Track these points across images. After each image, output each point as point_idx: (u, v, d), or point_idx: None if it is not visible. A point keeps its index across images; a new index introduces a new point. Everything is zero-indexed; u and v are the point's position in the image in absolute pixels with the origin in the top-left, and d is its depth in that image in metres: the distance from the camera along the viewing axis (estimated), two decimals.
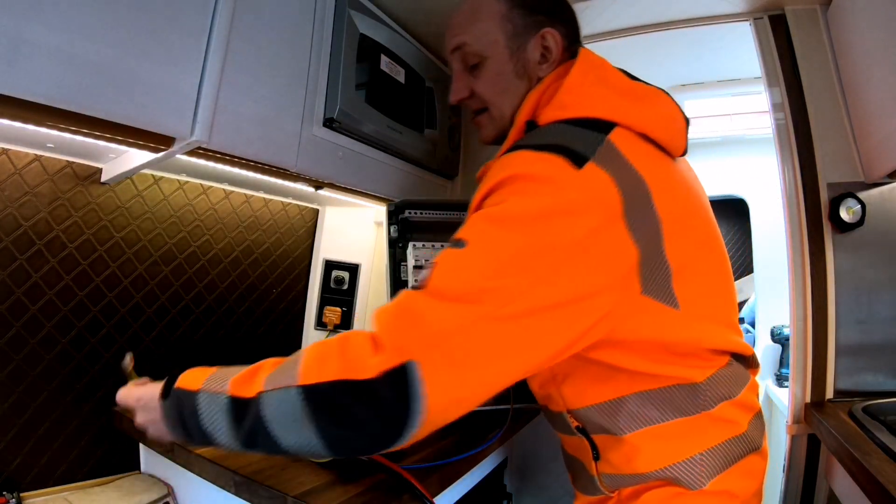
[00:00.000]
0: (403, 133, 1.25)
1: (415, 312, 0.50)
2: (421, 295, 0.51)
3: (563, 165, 0.55)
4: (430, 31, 1.39)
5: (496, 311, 0.50)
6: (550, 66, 0.72)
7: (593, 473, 0.70)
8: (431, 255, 1.05)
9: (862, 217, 1.12)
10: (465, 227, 0.56)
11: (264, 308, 1.40)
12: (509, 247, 0.52)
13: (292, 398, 0.50)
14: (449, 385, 0.48)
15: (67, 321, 0.97)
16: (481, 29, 0.73)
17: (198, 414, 0.55)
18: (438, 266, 0.53)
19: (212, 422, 0.54)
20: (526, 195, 0.55)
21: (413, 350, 0.47)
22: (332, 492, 0.72)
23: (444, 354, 0.48)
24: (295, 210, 1.48)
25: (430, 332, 0.48)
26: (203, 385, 0.57)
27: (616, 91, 0.67)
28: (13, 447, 0.89)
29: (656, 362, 0.63)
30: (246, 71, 0.85)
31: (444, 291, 0.51)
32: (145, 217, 1.11)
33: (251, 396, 0.52)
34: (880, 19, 1.00)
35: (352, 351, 0.49)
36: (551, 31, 0.72)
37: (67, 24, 0.61)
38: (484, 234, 0.54)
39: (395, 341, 0.48)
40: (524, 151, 0.58)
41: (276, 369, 0.54)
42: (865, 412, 0.98)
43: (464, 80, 0.76)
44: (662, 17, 1.31)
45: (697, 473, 0.62)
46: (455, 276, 0.52)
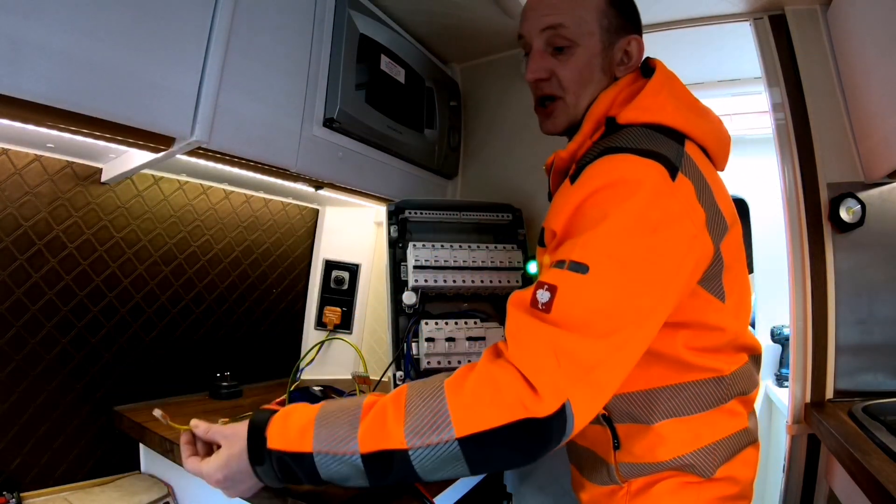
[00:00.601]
0: (403, 133, 1.25)
1: (559, 353, 0.51)
2: (557, 331, 0.52)
3: (665, 174, 0.58)
4: (430, 31, 1.39)
5: (630, 337, 0.54)
6: (627, 70, 0.75)
7: (611, 463, 0.71)
8: (431, 255, 1.05)
9: (862, 217, 1.12)
10: (582, 246, 0.56)
11: (264, 308, 1.40)
12: (631, 266, 0.55)
13: (451, 450, 0.50)
14: (592, 408, 0.53)
15: (67, 321, 0.97)
16: (581, 16, 0.73)
17: (318, 472, 0.54)
18: (563, 293, 0.53)
19: (339, 475, 0.54)
20: (636, 204, 0.56)
21: (567, 390, 0.50)
22: (332, 492, 0.72)
23: (590, 386, 0.52)
24: (295, 210, 1.48)
25: (577, 371, 0.51)
26: (316, 445, 0.54)
27: (685, 104, 0.71)
28: (13, 447, 0.89)
29: (695, 352, 0.66)
30: (246, 71, 0.85)
31: (579, 325, 0.52)
32: (145, 217, 1.11)
33: (391, 449, 0.52)
34: (880, 19, 1.00)
35: (509, 395, 0.50)
36: (637, 39, 0.76)
37: (67, 24, 0.61)
38: (604, 255, 0.55)
39: (551, 386, 0.50)
40: (628, 155, 0.60)
41: (409, 417, 0.52)
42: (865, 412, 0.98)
43: (546, 60, 0.75)
44: (662, 17, 1.31)
45: (710, 461, 0.67)
46: (586, 307, 0.53)
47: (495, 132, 1.55)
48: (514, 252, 1.11)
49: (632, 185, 0.57)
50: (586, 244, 0.56)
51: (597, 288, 0.54)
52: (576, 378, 0.51)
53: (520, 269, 1.10)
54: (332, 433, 0.54)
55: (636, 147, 0.61)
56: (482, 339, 1.01)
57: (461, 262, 1.06)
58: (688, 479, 0.67)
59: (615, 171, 0.59)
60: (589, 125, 0.72)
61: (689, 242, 0.58)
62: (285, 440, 0.56)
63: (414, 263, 1.04)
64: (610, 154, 0.61)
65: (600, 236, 0.56)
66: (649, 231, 0.56)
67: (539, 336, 0.52)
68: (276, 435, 0.56)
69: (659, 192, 0.57)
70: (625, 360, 0.55)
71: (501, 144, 1.53)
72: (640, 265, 0.55)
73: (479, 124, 1.58)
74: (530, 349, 0.52)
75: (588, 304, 0.53)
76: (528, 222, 1.24)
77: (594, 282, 0.54)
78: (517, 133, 1.50)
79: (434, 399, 0.53)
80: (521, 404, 0.49)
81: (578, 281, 0.54)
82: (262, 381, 1.37)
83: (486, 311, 1.12)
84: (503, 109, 1.54)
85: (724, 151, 0.75)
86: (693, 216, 0.59)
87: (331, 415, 0.56)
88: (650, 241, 0.56)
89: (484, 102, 1.58)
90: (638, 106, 0.68)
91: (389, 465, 0.52)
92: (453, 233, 1.17)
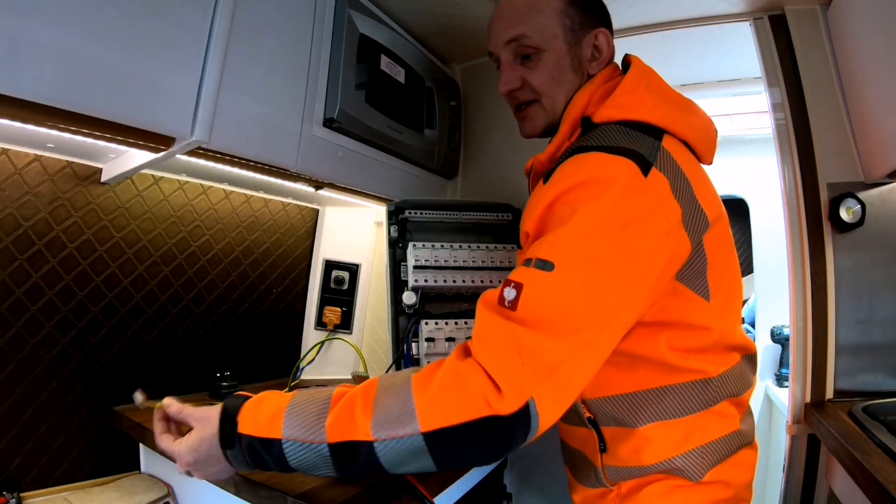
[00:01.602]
0: (403, 133, 1.25)
1: (522, 351, 0.51)
2: (521, 329, 0.52)
3: (636, 170, 0.58)
4: (430, 31, 1.39)
5: (596, 335, 0.54)
6: (600, 64, 0.75)
7: (598, 465, 0.70)
8: (431, 255, 1.05)
9: (862, 217, 1.12)
10: (549, 244, 0.56)
11: (264, 308, 1.40)
12: (597, 264, 0.54)
13: (415, 444, 0.51)
14: (557, 407, 0.53)
15: (67, 321, 0.97)
16: (541, 22, 0.74)
17: (286, 459, 0.55)
18: (529, 291, 0.53)
19: (307, 464, 0.55)
20: (605, 202, 0.56)
21: (530, 388, 0.50)
22: (332, 492, 0.72)
23: (553, 384, 0.52)
24: (295, 210, 1.48)
25: (540, 369, 0.51)
26: (285, 431, 0.55)
27: (664, 99, 0.70)
28: (13, 447, 0.89)
29: (679, 353, 0.65)
30: (246, 71, 0.85)
31: (543, 324, 0.52)
32: (145, 217, 1.11)
33: (357, 440, 0.52)
34: (880, 19, 1.00)
35: (472, 392, 0.50)
36: (604, 32, 0.75)
37: (67, 24, 0.61)
38: (570, 252, 0.54)
39: (514, 383, 0.50)
40: (598, 154, 0.60)
41: (377, 410, 0.53)
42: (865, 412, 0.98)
43: (515, 70, 0.77)
44: (662, 17, 1.31)
45: (698, 465, 0.65)
46: (551, 305, 0.53)
47: (495, 132, 1.55)
48: (514, 252, 1.11)
49: (601, 184, 0.57)
50: (553, 242, 0.56)
51: (561, 286, 0.53)
52: (539, 377, 0.51)
53: None
54: (302, 422, 0.55)
55: (607, 145, 0.61)
56: None
57: (461, 262, 1.06)
58: (677, 482, 0.66)
59: (585, 170, 0.59)
60: (566, 126, 0.72)
61: (662, 239, 0.58)
62: (256, 426, 0.56)
63: (414, 263, 1.04)
64: (580, 153, 0.61)
65: (566, 234, 0.56)
66: (617, 228, 0.55)
67: (503, 334, 0.52)
68: (247, 420, 0.57)
69: (629, 188, 0.57)
70: (590, 359, 0.54)
71: (501, 144, 1.53)
72: (606, 263, 0.55)
73: (479, 124, 1.58)
74: (495, 347, 0.52)
75: (552, 302, 0.53)
76: None
77: (559, 279, 0.53)
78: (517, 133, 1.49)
79: (401, 393, 0.53)
80: (486, 402, 0.49)
81: (543, 279, 0.54)
82: (262, 381, 1.37)
83: None
84: (503, 109, 1.52)
85: (710, 145, 0.74)
86: (667, 212, 0.58)
87: (301, 404, 0.57)
88: (618, 239, 0.55)
89: (484, 102, 1.58)
90: (613, 104, 0.68)
91: (355, 456, 0.53)
92: (453, 233, 1.17)
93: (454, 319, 1.03)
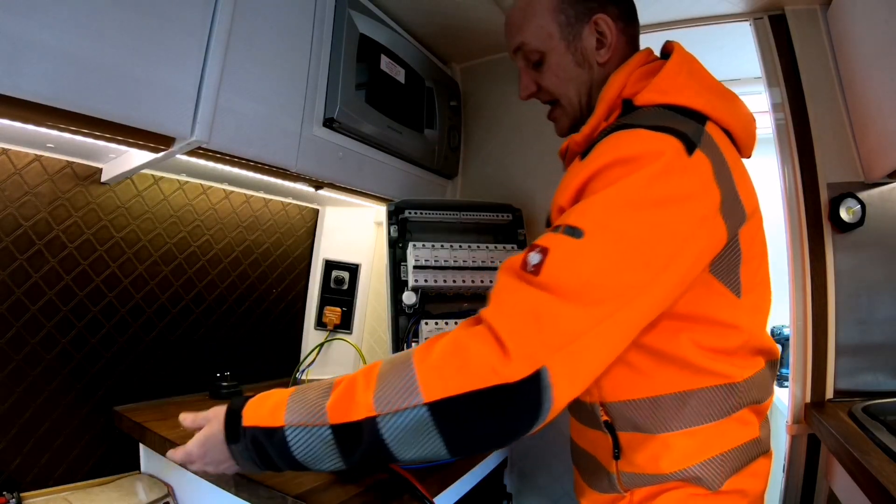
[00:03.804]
0: (403, 133, 1.25)
1: (540, 317, 0.48)
2: (542, 294, 0.49)
3: (679, 148, 0.55)
4: (430, 31, 1.39)
5: (617, 310, 0.50)
6: (608, 50, 0.73)
7: (612, 471, 0.68)
8: (431, 255, 1.05)
9: (862, 217, 1.12)
10: (580, 211, 0.53)
11: (264, 308, 1.40)
12: (628, 238, 0.52)
13: (419, 416, 0.48)
14: (574, 384, 0.50)
15: (67, 321, 0.97)
16: (536, 26, 0.74)
17: (289, 449, 0.53)
18: (554, 256, 0.51)
19: (311, 453, 0.53)
20: (644, 176, 0.53)
21: (543, 356, 0.47)
22: (332, 492, 0.72)
23: (570, 357, 0.48)
24: (295, 210, 1.48)
25: (557, 338, 0.48)
26: (287, 418, 0.54)
27: (706, 86, 0.68)
28: (13, 447, 0.89)
29: (705, 353, 0.62)
30: (246, 71, 0.85)
31: (566, 291, 0.49)
32: (145, 217, 1.11)
33: (360, 419, 0.50)
34: (880, 19, 1.00)
35: (477, 359, 0.48)
36: (602, 17, 0.73)
37: (67, 24, 0.61)
38: (602, 223, 0.52)
39: (526, 349, 0.47)
40: (640, 130, 0.57)
41: (379, 385, 0.51)
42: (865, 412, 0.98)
43: (529, 76, 0.78)
44: (662, 17, 1.31)
45: (718, 474, 0.63)
46: (576, 272, 0.50)
47: (495, 132, 1.55)
48: (514, 252, 1.11)
49: (642, 159, 0.54)
50: (584, 210, 0.54)
51: (589, 253, 0.51)
52: (555, 345, 0.47)
53: None
54: (303, 407, 0.54)
55: (647, 123, 0.59)
56: None
57: (461, 262, 1.06)
58: (694, 490, 0.63)
59: (625, 146, 0.57)
60: (602, 107, 0.70)
61: (698, 223, 0.55)
62: (259, 417, 0.56)
63: (414, 263, 1.04)
64: (621, 130, 0.59)
65: (599, 203, 0.53)
66: (654, 204, 0.53)
67: (523, 298, 0.50)
68: (250, 413, 0.57)
69: (670, 166, 0.54)
70: (610, 336, 0.51)
71: (501, 144, 1.53)
72: (638, 237, 0.52)
73: (479, 124, 1.58)
74: (510, 310, 0.50)
75: (578, 269, 0.50)
76: (528, 222, 1.25)
77: (587, 247, 0.51)
78: (517, 133, 1.50)
79: (403, 367, 0.51)
80: (491, 368, 0.47)
81: (571, 245, 0.51)
82: (262, 381, 1.37)
83: None
84: (503, 109, 1.54)
85: (751, 137, 0.71)
86: (706, 196, 0.56)
87: (303, 391, 0.56)
88: (653, 215, 0.53)
89: (484, 102, 1.58)
90: (656, 88, 0.66)
91: (358, 436, 0.50)
92: (453, 233, 1.17)
93: (454, 319, 1.03)
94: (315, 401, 0.54)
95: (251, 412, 0.57)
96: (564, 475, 1.32)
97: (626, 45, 0.75)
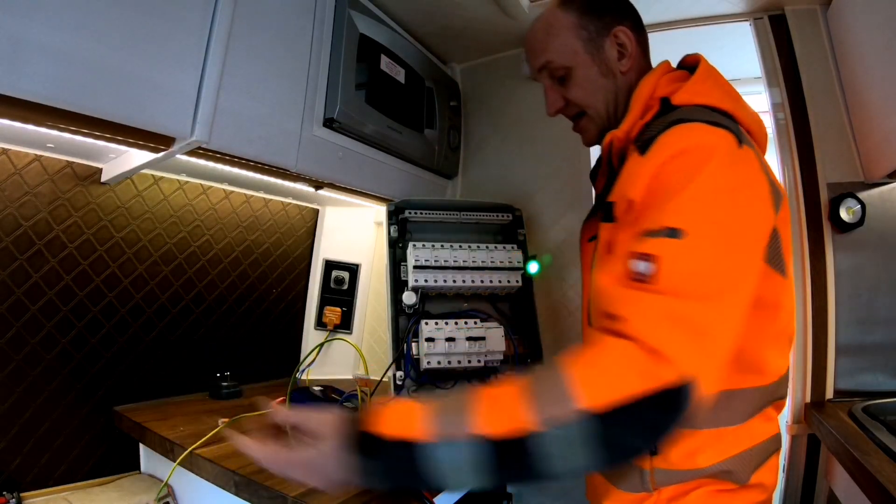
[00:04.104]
0: (403, 133, 1.25)
1: (677, 320, 0.51)
2: (670, 299, 0.52)
3: (733, 141, 0.60)
4: (430, 31, 1.39)
5: (734, 297, 0.54)
6: (629, 59, 0.77)
7: (645, 468, 0.67)
8: (431, 255, 1.05)
9: (862, 217, 1.12)
10: (673, 212, 0.56)
11: (264, 308, 1.40)
12: (725, 227, 0.55)
13: (585, 424, 0.47)
14: (714, 375, 0.52)
15: (67, 321, 0.97)
16: (560, 43, 0.78)
17: (436, 465, 0.49)
18: (668, 261, 0.53)
19: (457, 471, 0.50)
20: (716, 167, 0.57)
21: (690, 356, 0.49)
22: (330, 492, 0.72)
23: (707, 351, 0.51)
24: (295, 210, 1.48)
25: (696, 336, 0.51)
26: (439, 431, 0.50)
27: (728, 94, 0.73)
28: (13, 447, 0.89)
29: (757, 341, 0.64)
30: (246, 71, 0.85)
31: (690, 290, 0.52)
32: (145, 217, 1.11)
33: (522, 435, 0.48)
34: (880, 19, 1.00)
35: (635, 367, 0.49)
36: (622, 29, 0.77)
37: (67, 24, 0.61)
38: (697, 218, 0.55)
39: (676, 353, 0.49)
40: (699, 124, 0.61)
41: (530, 398, 0.50)
42: (865, 412, 0.98)
43: (556, 91, 0.82)
44: (662, 17, 1.31)
45: (747, 467, 0.65)
46: (693, 271, 0.53)
47: (495, 132, 1.55)
48: (514, 252, 1.11)
49: (707, 151, 0.58)
50: (677, 210, 0.56)
51: (697, 250, 0.54)
52: (696, 344, 0.50)
53: (520, 269, 1.10)
54: (450, 421, 0.51)
55: (700, 118, 0.63)
56: (482, 339, 1.00)
57: (461, 262, 1.06)
58: (722, 486, 0.65)
59: (688, 138, 0.60)
60: (638, 106, 0.74)
61: (764, 206, 0.60)
62: (399, 429, 0.52)
63: (414, 263, 1.04)
64: (680, 124, 0.62)
65: (688, 200, 0.56)
66: (731, 191, 0.57)
67: (653, 307, 0.51)
68: (389, 426, 0.52)
69: (733, 157, 0.59)
70: (733, 324, 0.54)
71: (501, 144, 1.53)
72: (731, 224, 0.56)
73: (479, 124, 1.58)
74: (649, 320, 0.51)
75: (693, 268, 0.53)
76: (528, 222, 1.24)
77: (693, 245, 0.54)
78: (517, 133, 1.50)
79: (554, 378, 0.51)
80: (649, 374, 0.48)
81: (678, 246, 0.54)
82: (262, 381, 1.37)
83: (486, 311, 1.12)
84: (503, 109, 1.54)
85: (765, 138, 0.77)
86: (762, 183, 0.61)
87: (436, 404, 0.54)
88: (735, 202, 0.57)
89: (484, 102, 1.58)
90: (690, 90, 0.70)
91: (515, 450, 0.49)
92: (453, 233, 1.17)
93: (454, 319, 1.03)
94: (451, 414, 0.52)
95: (389, 425, 0.52)
96: None
97: (642, 54, 0.80)
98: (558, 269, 1.38)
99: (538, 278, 1.16)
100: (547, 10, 0.81)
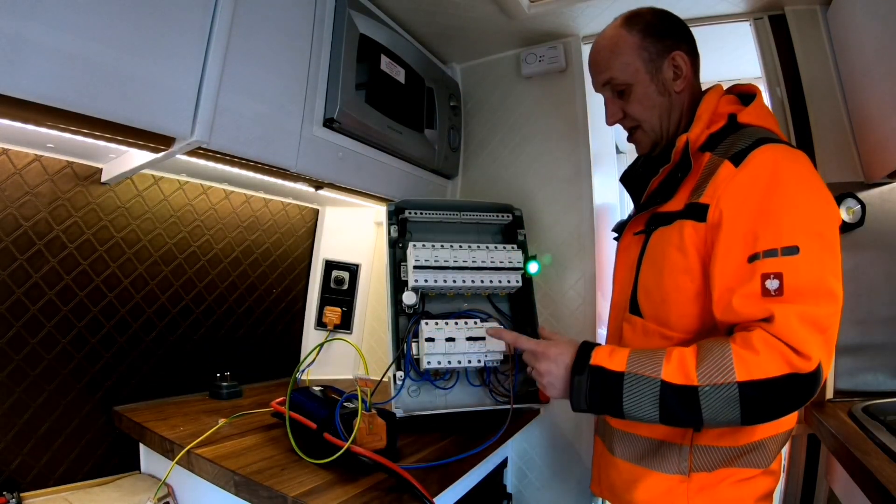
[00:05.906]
0: (403, 133, 1.25)
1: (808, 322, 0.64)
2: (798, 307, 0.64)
3: (810, 160, 0.73)
4: (430, 31, 1.39)
5: (839, 294, 0.66)
6: (683, 80, 0.84)
7: (686, 444, 0.77)
8: (432, 255, 1.05)
9: (862, 217, 1.12)
10: (788, 231, 0.67)
11: (264, 308, 1.40)
12: (824, 236, 0.68)
13: (731, 392, 0.63)
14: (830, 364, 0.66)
15: (67, 321, 0.97)
16: (623, 62, 0.84)
17: (622, 390, 0.69)
18: (790, 276, 0.65)
19: (636, 400, 0.68)
20: (807, 184, 0.70)
21: (819, 351, 0.63)
22: (332, 492, 0.72)
23: (828, 344, 0.65)
24: (295, 210, 1.48)
25: (821, 334, 0.64)
26: (629, 367, 0.69)
27: (777, 122, 0.84)
28: (13, 447, 0.89)
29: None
30: (246, 71, 0.85)
31: (811, 297, 0.65)
32: (145, 217, 1.11)
33: (686, 384, 0.65)
34: (880, 19, 1.00)
35: (782, 357, 0.63)
36: (679, 53, 0.84)
37: (67, 24, 0.61)
38: (807, 235, 0.67)
39: (811, 349, 0.62)
40: (782, 145, 0.73)
41: (703, 363, 0.66)
42: (865, 412, 0.99)
43: (616, 105, 0.89)
44: None
45: (774, 450, 0.77)
46: (811, 281, 0.65)
47: (495, 132, 1.55)
48: (514, 252, 1.11)
49: (800, 172, 0.70)
50: (790, 229, 0.67)
51: (811, 262, 0.66)
52: (821, 340, 0.63)
53: (520, 269, 1.10)
54: (642, 364, 0.69)
55: (777, 139, 0.74)
56: (482, 339, 1.00)
57: (461, 263, 1.06)
58: (747, 473, 0.75)
59: (782, 160, 0.71)
60: (705, 118, 0.81)
61: (837, 212, 0.72)
62: (604, 360, 0.72)
63: (414, 263, 1.04)
64: (767, 143, 0.72)
65: (795, 218, 0.67)
66: (824, 205, 0.69)
67: (788, 314, 0.64)
68: (599, 356, 0.73)
69: (814, 174, 0.71)
70: (839, 316, 0.66)
71: (501, 144, 1.53)
72: (829, 235, 0.68)
73: (480, 124, 1.58)
74: (787, 324, 0.64)
75: (810, 278, 0.65)
76: (528, 222, 1.24)
77: (808, 258, 0.65)
78: (517, 133, 1.50)
79: (722, 354, 0.65)
80: (790, 363, 0.62)
81: (796, 262, 0.65)
82: (262, 381, 1.37)
83: (486, 311, 1.12)
84: (503, 109, 1.54)
85: None
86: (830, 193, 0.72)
87: (640, 354, 0.71)
88: (827, 215, 0.69)
89: (484, 102, 1.58)
90: (753, 113, 0.80)
91: (678, 395, 0.66)
92: (453, 233, 1.17)
93: (454, 319, 1.03)
94: (654, 362, 0.69)
95: (599, 356, 0.72)
96: (564, 475, 1.32)
97: (694, 75, 0.87)
98: (558, 269, 1.38)
99: (538, 278, 1.16)
100: (612, 29, 0.87)
